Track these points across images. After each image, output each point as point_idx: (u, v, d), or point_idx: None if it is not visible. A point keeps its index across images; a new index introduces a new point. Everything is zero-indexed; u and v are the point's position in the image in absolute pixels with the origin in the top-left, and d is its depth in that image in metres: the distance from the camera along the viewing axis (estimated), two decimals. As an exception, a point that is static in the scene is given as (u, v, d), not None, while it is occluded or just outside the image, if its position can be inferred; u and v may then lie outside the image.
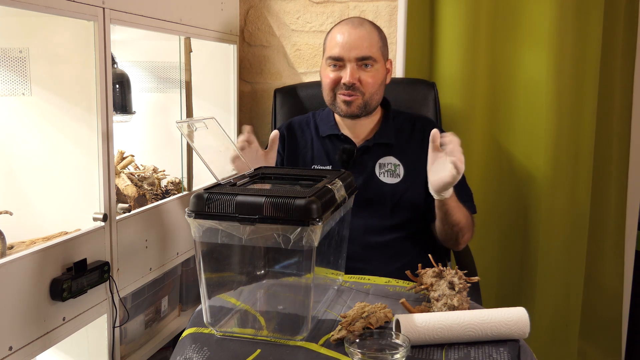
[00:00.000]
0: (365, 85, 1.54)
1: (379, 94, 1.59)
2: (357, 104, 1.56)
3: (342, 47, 1.53)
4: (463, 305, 1.14)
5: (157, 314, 1.72)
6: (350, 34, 1.53)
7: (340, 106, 1.57)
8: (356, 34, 1.53)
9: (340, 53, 1.53)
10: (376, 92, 1.57)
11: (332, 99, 1.58)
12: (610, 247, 2.13)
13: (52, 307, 1.18)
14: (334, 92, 1.57)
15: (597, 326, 2.15)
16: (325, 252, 1.19)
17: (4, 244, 1.23)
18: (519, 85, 1.97)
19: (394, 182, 1.59)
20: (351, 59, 1.53)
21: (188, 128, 1.20)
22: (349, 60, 1.53)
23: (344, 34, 1.54)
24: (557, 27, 1.89)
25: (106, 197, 1.33)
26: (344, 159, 1.59)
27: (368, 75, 1.54)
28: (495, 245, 2.06)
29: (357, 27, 1.55)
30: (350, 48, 1.53)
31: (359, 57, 1.53)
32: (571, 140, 1.98)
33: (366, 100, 1.56)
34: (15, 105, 1.37)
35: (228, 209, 1.04)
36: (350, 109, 1.56)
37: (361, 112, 1.57)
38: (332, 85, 1.57)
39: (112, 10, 1.32)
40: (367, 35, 1.54)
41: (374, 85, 1.56)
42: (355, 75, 1.53)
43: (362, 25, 1.56)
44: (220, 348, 1.06)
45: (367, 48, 1.53)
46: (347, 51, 1.53)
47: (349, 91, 1.54)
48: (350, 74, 1.53)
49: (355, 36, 1.53)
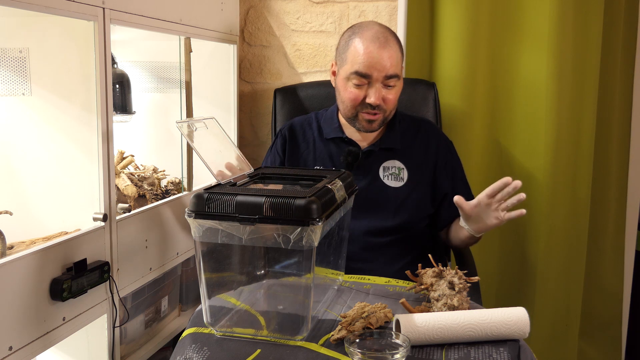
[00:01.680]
0: (388, 103, 1.53)
1: (396, 107, 1.60)
2: (378, 121, 1.55)
3: (370, 65, 1.48)
4: (463, 305, 1.14)
5: (157, 314, 1.72)
6: (380, 54, 1.48)
7: (362, 124, 1.56)
8: (385, 54, 1.49)
9: (368, 70, 1.49)
10: (395, 106, 1.58)
11: (354, 115, 1.55)
12: (610, 247, 2.13)
13: (52, 307, 1.18)
14: (355, 110, 1.54)
15: (597, 326, 2.15)
16: (325, 252, 1.19)
17: (4, 244, 1.23)
18: (519, 85, 1.97)
19: (398, 186, 1.59)
20: (379, 78, 1.50)
21: (188, 128, 1.20)
22: (376, 79, 1.50)
23: (372, 52, 1.48)
24: (557, 27, 1.89)
25: (106, 197, 1.33)
26: (349, 161, 1.58)
27: (391, 93, 1.53)
28: (495, 245, 2.06)
29: (384, 45, 1.49)
30: (380, 68, 1.48)
31: (387, 76, 1.50)
32: (571, 140, 1.97)
33: (386, 116, 1.56)
34: (15, 105, 1.37)
35: (228, 209, 1.04)
36: (372, 127, 1.56)
37: (379, 127, 1.58)
38: (355, 104, 1.53)
39: (112, 10, 1.32)
40: (394, 53, 1.51)
41: (394, 102, 1.56)
42: (381, 95, 1.51)
43: (388, 42, 1.50)
44: (220, 348, 1.06)
45: (395, 67, 1.50)
46: (377, 71, 1.49)
47: (374, 110, 1.52)
48: (376, 95, 1.50)
49: (384, 55, 1.48)
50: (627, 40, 2.04)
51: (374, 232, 1.56)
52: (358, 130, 1.59)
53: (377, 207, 1.57)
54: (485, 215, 1.40)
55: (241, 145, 2.23)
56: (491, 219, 1.39)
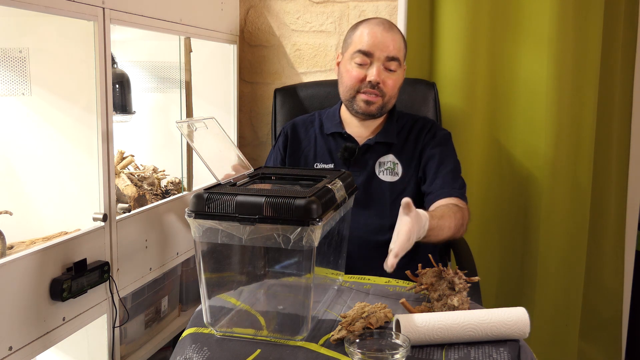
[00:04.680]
0: (387, 87, 1.56)
1: (395, 98, 1.62)
2: (377, 104, 1.57)
3: (373, 44, 1.53)
4: (463, 305, 1.14)
5: (157, 314, 1.72)
6: (383, 34, 1.54)
7: (359, 104, 1.57)
8: (388, 35, 1.54)
9: (370, 49, 1.53)
10: (394, 95, 1.60)
11: (352, 95, 1.58)
12: (610, 247, 2.13)
13: (52, 307, 1.18)
14: (355, 89, 1.57)
15: (597, 326, 2.15)
16: (325, 252, 1.19)
17: (4, 244, 1.23)
18: (519, 85, 1.97)
19: (393, 181, 1.59)
20: (381, 57, 1.54)
21: (188, 128, 1.20)
22: (378, 58, 1.54)
23: (375, 33, 1.54)
24: (557, 27, 1.89)
25: (106, 197, 1.33)
26: (345, 156, 1.59)
27: (391, 77, 1.56)
28: (495, 245, 2.06)
29: (389, 29, 1.56)
30: (382, 47, 1.53)
31: (389, 57, 1.54)
32: (571, 140, 1.97)
33: (385, 102, 1.58)
34: (15, 105, 1.37)
35: (228, 209, 1.04)
36: (369, 109, 1.57)
37: (377, 113, 1.59)
38: (355, 83, 1.56)
39: (112, 10, 1.32)
40: (397, 38, 1.56)
41: (394, 89, 1.58)
42: (382, 75, 1.54)
43: (392, 29, 1.57)
44: (220, 348, 1.06)
45: (397, 50, 1.55)
46: (379, 49, 1.53)
47: (373, 90, 1.55)
48: (377, 72, 1.53)
49: (387, 37, 1.54)
50: (627, 40, 2.04)
51: (373, 229, 1.56)
52: (356, 114, 1.60)
53: (374, 202, 1.58)
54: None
55: (241, 145, 2.23)
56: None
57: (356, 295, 1.28)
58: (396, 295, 1.27)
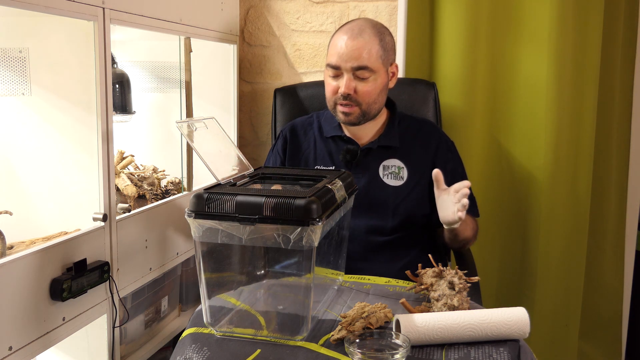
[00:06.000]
0: (362, 95, 1.53)
1: (379, 102, 1.58)
2: (355, 114, 1.55)
3: (339, 57, 1.52)
4: (463, 305, 1.14)
5: (157, 314, 1.72)
6: (347, 45, 1.51)
7: (339, 115, 1.58)
8: (353, 44, 1.50)
9: (337, 62, 1.52)
10: (375, 101, 1.56)
11: (332, 107, 1.58)
12: (610, 247, 2.13)
13: (52, 307, 1.18)
14: (333, 101, 1.57)
15: (597, 326, 2.15)
16: (325, 252, 1.19)
17: (4, 244, 1.23)
18: (519, 85, 1.97)
19: (398, 185, 1.59)
20: (347, 69, 1.51)
21: (188, 128, 1.20)
22: (345, 70, 1.52)
23: (341, 44, 1.52)
24: (557, 27, 1.89)
25: (106, 197, 1.33)
26: (347, 159, 1.59)
27: (365, 85, 1.52)
28: (496, 245, 2.06)
29: (356, 37, 1.51)
30: (346, 59, 1.51)
31: (355, 67, 1.51)
32: (571, 140, 1.97)
33: (364, 110, 1.55)
34: (15, 105, 1.37)
35: (228, 209, 1.04)
36: (348, 119, 1.56)
37: (360, 121, 1.57)
38: (331, 95, 1.57)
39: (112, 10, 1.32)
40: (365, 45, 1.51)
41: (371, 95, 1.54)
42: (351, 86, 1.52)
43: (362, 34, 1.52)
44: (220, 348, 1.06)
45: (365, 58, 1.50)
46: (344, 61, 1.51)
47: (346, 101, 1.53)
48: (346, 84, 1.52)
49: (352, 47, 1.50)
50: (627, 40, 2.04)
51: (374, 230, 1.56)
52: (342, 123, 1.61)
53: (377, 205, 1.57)
54: (446, 206, 1.38)
55: (241, 145, 2.23)
56: (449, 212, 1.37)
57: (356, 295, 1.29)
58: (396, 295, 1.27)
